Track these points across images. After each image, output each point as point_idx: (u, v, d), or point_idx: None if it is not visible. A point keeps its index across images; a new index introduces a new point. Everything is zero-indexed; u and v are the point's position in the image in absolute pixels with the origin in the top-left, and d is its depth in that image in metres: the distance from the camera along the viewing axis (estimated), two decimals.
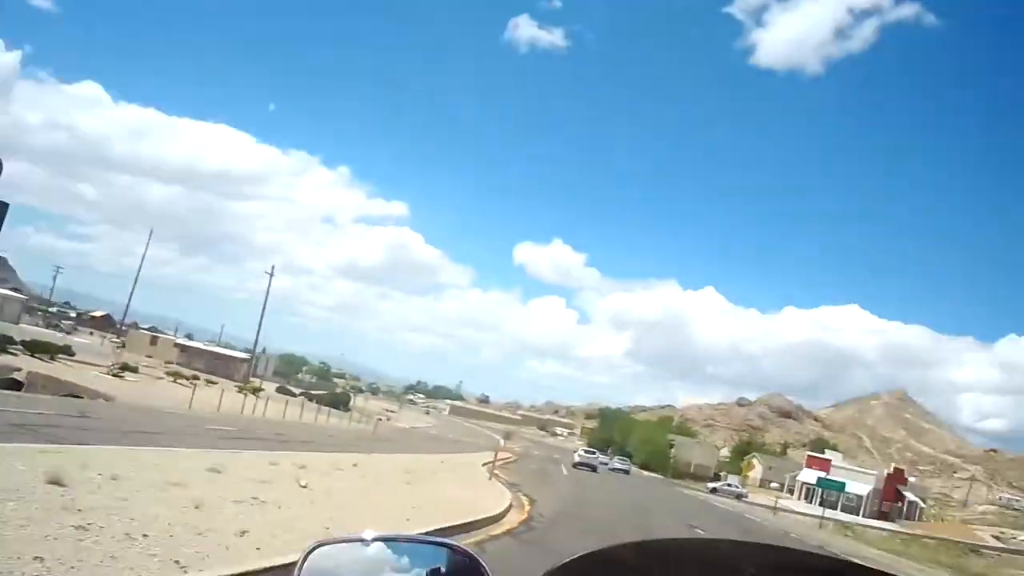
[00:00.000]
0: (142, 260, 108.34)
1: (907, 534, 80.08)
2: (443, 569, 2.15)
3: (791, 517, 70.18)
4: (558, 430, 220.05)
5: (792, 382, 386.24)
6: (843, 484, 74.57)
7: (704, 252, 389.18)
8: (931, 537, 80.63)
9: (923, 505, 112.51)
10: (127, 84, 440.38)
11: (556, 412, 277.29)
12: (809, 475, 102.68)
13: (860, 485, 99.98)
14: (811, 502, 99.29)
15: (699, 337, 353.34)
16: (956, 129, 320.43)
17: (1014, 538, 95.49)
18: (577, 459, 77.54)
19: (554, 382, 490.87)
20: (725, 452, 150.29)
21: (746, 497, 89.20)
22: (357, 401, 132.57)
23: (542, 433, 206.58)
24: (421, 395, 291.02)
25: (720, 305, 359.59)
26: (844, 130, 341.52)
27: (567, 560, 1.55)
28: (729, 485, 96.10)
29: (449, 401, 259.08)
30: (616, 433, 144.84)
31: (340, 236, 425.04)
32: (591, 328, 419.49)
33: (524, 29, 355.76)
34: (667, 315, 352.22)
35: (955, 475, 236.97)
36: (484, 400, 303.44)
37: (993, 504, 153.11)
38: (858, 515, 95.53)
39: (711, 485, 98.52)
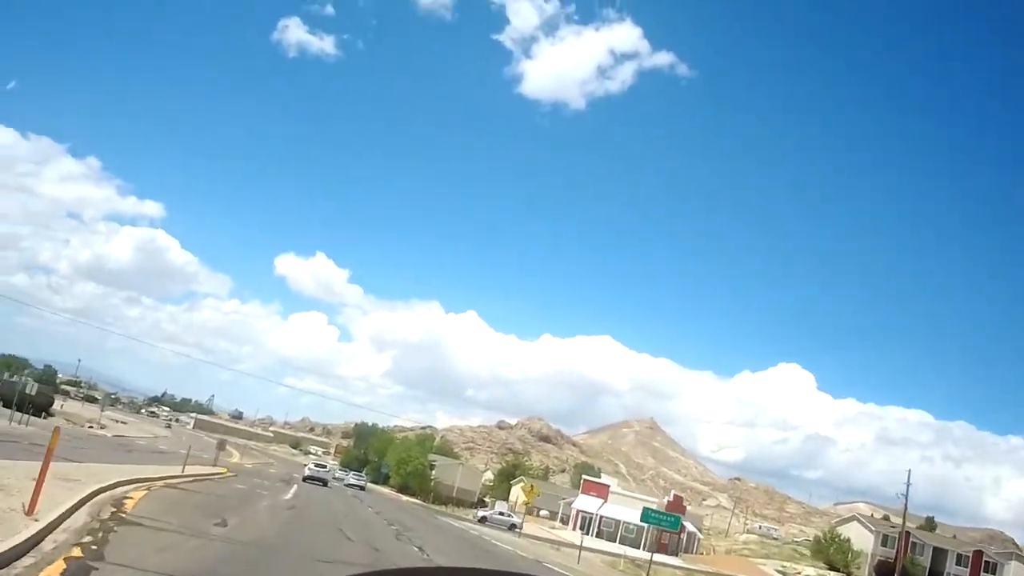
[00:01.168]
0: None
1: (704, 573, 66.80)
2: None
3: (588, 557, 55.00)
4: (312, 449, 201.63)
5: (549, 408, 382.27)
6: (677, 519, 59.65)
7: (467, 276, 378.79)
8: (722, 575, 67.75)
9: (700, 535, 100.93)
10: None
11: (312, 430, 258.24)
12: (586, 502, 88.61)
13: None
14: (587, 532, 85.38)
15: (460, 360, 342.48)
16: (701, 168, 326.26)
17: (798, 573, 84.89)
18: (307, 472, 73.68)
19: (312, 400, 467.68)
20: (489, 476, 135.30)
21: (519, 528, 73.84)
22: (72, 407, 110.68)
23: (293, 451, 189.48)
24: (166, 408, 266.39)
25: (481, 330, 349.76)
26: (604, 163, 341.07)
27: None
28: (501, 513, 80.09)
29: (195, 415, 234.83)
30: (372, 452, 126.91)
31: (86, 234, 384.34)
32: (352, 346, 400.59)
33: (294, 32, 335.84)
34: (429, 337, 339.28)
35: (704, 502, 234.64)
36: (237, 416, 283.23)
37: (751, 533, 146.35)
38: (639, 548, 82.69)
39: (480, 513, 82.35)
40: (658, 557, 64.11)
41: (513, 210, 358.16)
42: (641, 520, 58.71)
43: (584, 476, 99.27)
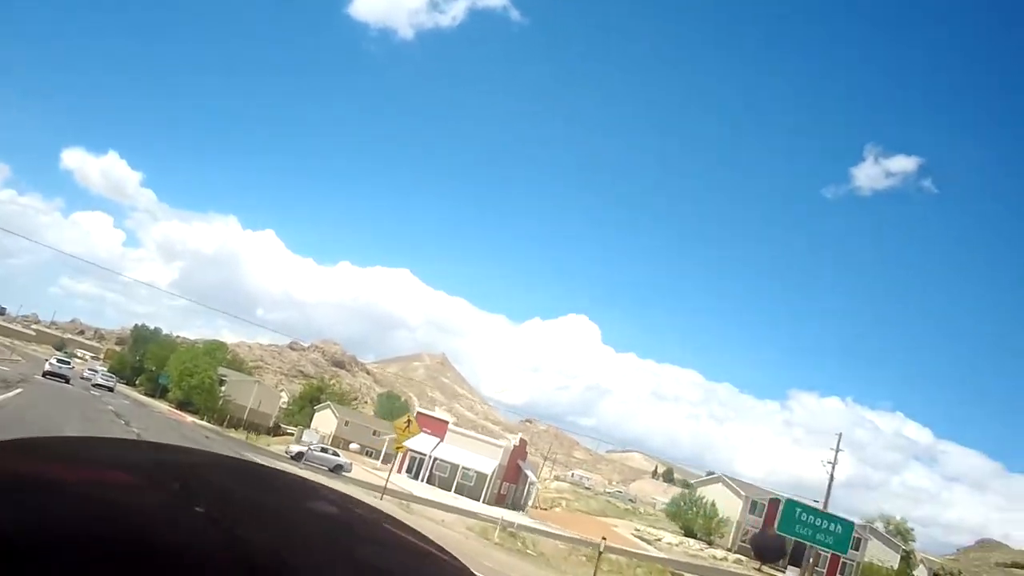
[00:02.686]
0: None
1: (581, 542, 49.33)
2: None
3: (447, 520, 36.24)
4: (80, 352, 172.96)
5: (340, 334, 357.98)
6: (848, 532, 37.58)
7: (268, 193, 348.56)
8: (590, 543, 50.41)
9: (538, 485, 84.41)
10: None
11: (82, 333, 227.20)
12: (416, 440, 69.66)
13: (484, 460, 69.17)
14: (417, 477, 66.69)
15: (253, 278, 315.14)
16: (519, 108, 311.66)
17: (658, 540, 69.38)
18: (47, 368, 61.60)
19: (88, 304, 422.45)
20: (284, 398, 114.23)
21: (347, 470, 54.20)
22: None
23: (57, 353, 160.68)
24: None
25: (278, 249, 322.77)
26: (425, 95, 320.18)
27: None
28: (324, 450, 59.51)
29: None
30: (151, 360, 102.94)
31: None
32: (139, 252, 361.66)
33: None
34: (222, 251, 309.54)
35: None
36: (0, 311, 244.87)
37: (561, 480, 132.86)
38: (479, 500, 65.29)
39: (294, 447, 61.47)
40: (505, 515, 46.65)
41: (324, 130, 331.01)
42: (782, 521, 36.68)
43: (419, 410, 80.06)
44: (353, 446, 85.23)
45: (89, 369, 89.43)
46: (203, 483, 1.25)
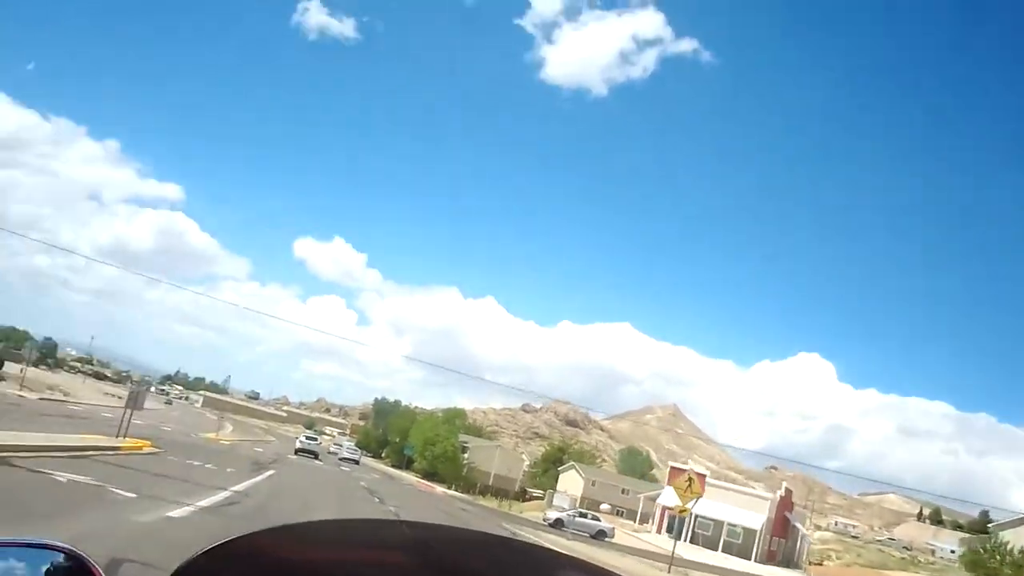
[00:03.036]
0: None
1: None
2: (45, 572, 1.67)
3: None
4: (328, 430, 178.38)
5: (568, 394, 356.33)
6: None
7: (486, 262, 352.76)
8: None
9: (810, 538, 76.81)
10: None
11: (328, 411, 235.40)
12: (673, 496, 64.52)
13: (750, 514, 62.84)
14: (680, 537, 61.21)
15: (479, 345, 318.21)
16: (723, 155, 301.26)
17: None
18: (298, 445, 64.76)
19: (330, 383, 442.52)
20: (526, 461, 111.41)
21: (609, 535, 49.80)
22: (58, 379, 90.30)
23: (307, 432, 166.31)
24: (179, 386, 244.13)
25: (500, 315, 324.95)
26: (625, 149, 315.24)
27: (209, 547, 1.34)
28: (582, 515, 55.35)
29: (206, 393, 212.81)
30: (393, 431, 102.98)
31: (106, 216, 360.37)
32: (371, 330, 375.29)
33: (315, 14, 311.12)
34: (447, 322, 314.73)
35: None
36: (254, 396, 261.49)
37: (823, 530, 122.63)
38: (749, 558, 58.99)
39: (551, 514, 57.65)
40: (777, 572, 40.41)
41: (533, 196, 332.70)
42: None
43: (673, 464, 74.88)
44: (604, 506, 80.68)
45: (335, 444, 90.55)
46: (474, 563, 1.25)
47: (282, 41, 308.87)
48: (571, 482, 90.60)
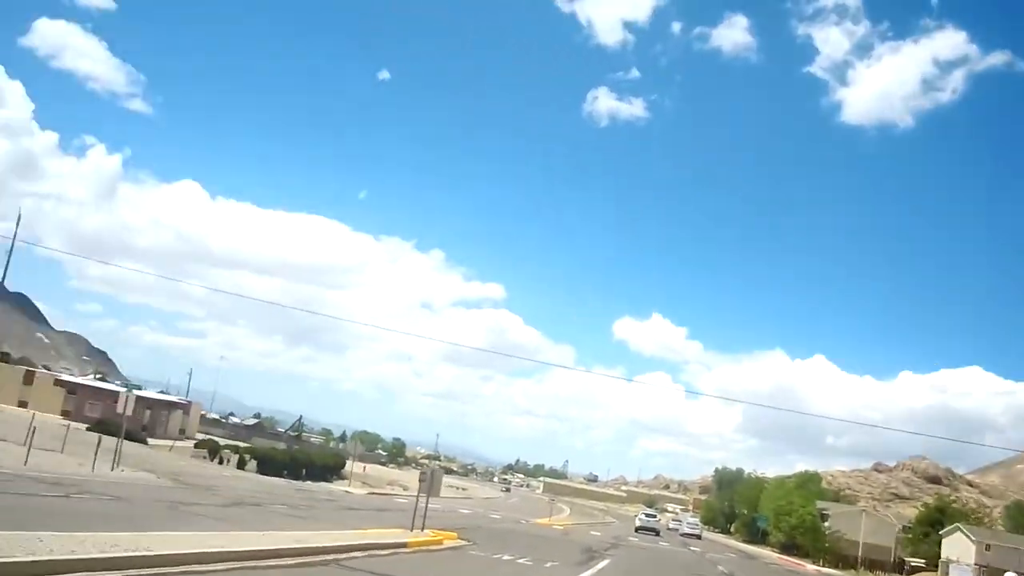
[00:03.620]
0: None
1: None
2: None
3: None
4: (668, 506, 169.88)
5: (921, 450, 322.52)
6: None
7: (810, 320, 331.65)
8: None
9: None
10: (222, 180, 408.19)
11: (667, 487, 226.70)
12: None
13: None
14: None
15: (814, 407, 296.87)
16: None
17: None
18: (638, 523, 64.52)
19: (666, 460, 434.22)
20: (897, 526, 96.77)
21: None
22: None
23: (647, 509, 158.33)
24: (520, 475, 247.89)
25: (832, 373, 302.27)
26: (946, 183, 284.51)
27: None
28: None
29: (545, 479, 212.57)
30: (738, 501, 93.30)
31: (439, 320, 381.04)
32: (700, 403, 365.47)
33: (603, 101, 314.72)
34: (777, 386, 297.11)
35: None
36: (592, 479, 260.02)
37: None
38: None
39: None
40: None
41: (855, 247, 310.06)
42: None
43: None
44: (966, 569, 66.60)
45: (673, 520, 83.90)
46: None
47: (576, 132, 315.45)
48: (957, 548, 76.41)
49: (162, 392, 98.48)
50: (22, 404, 64.82)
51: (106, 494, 20.67)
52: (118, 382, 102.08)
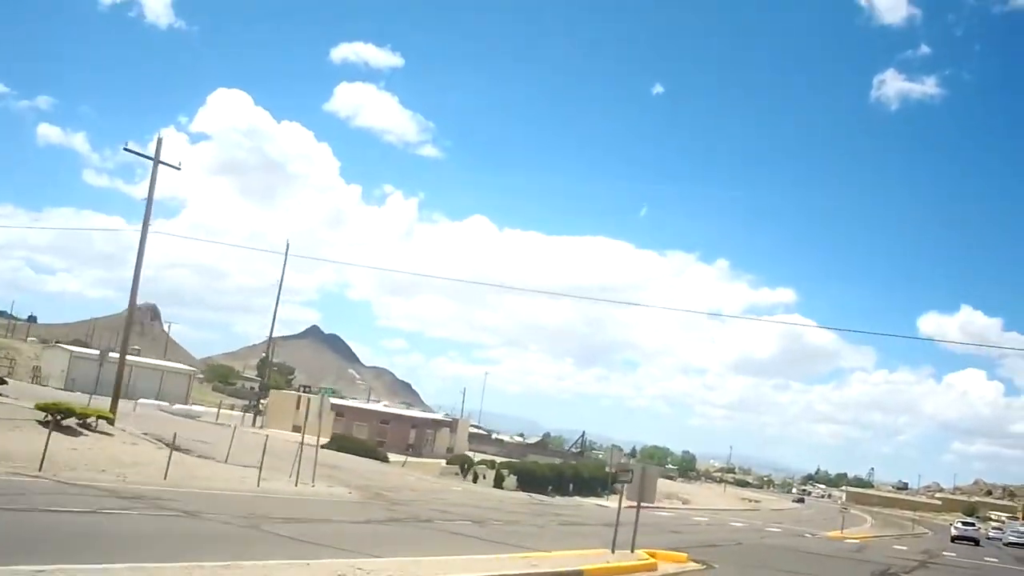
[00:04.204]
0: None
1: None
2: None
3: None
4: (992, 514, 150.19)
5: None
6: None
7: None
8: None
9: None
10: (509, 213, 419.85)
11: (988, 493, 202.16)
12: None
13: None
14: None
15: None
16: None
17: None
18: (954, 532, 58.10)
19: (985, 464, 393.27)
20: None
21: None
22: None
23: (966, 518, 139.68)
24: (821, 484, 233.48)
25: None
26: None
27: None
28: None
29: (847, 488, 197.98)
30: None
31: (728, 330, 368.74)
32: (1021, 400, 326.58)
33: (891, 84, 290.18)
34: None
35: None
36: (902, 487, 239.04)
37: None
38: None
39: None
40: None
41: None
42: None
43: None
44: None
45: (994, 528, 79.10)
46: None
47: (863, 121, 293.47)
48: None
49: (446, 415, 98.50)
50: (296, 429, 65.47)
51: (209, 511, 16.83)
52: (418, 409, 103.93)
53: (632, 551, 18.18)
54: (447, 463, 59.26)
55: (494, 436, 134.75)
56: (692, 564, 19.41)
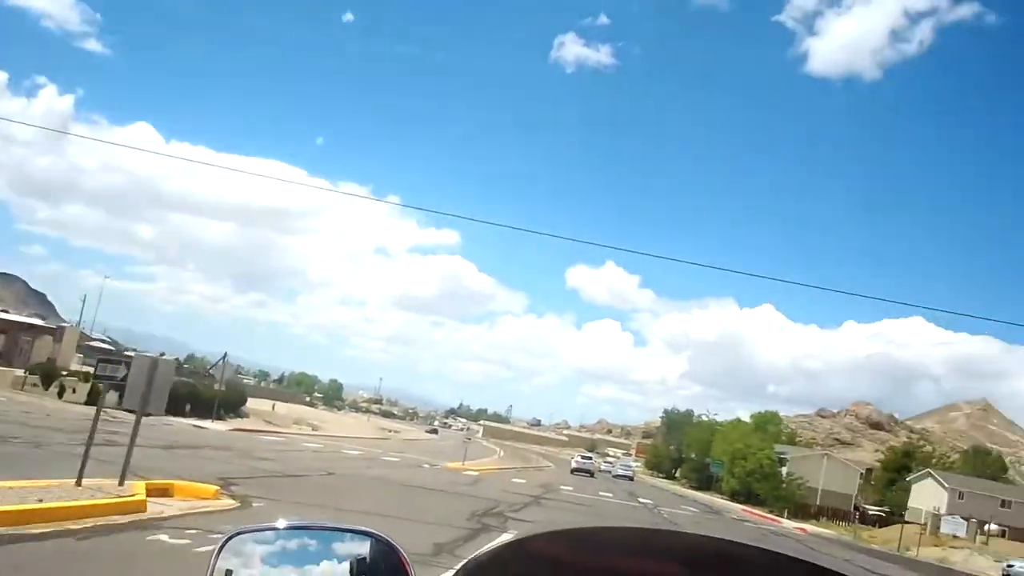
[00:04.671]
0: None
1: None
2: (360, 558, 1.85)
3: None
4: (610, 451, 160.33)
5: (860, 396, 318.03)
6: None
7: (761, 267, 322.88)
8: None
9: None
10: (177, 123, 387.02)
11: (609, 432, 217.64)
12: None
13: None
14: None
15: (759, 355, 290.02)
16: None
17: None
18: (574, 465, 62.94)
19: (610, 406, 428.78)
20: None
21: None
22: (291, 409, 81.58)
23: (588, 454, 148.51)
24: (462, 419, 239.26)
25: (779, 322, 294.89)
26: (904, 130, 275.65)
27: (491, 549, 1.38)
28: None
29: (486, 423, 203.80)
30: (688, 444, 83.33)
31: (393, 267, 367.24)
32: (647, 350, 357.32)
33: (570, 47, 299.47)
34: (725, 334, 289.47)
35: None
36: (535, 424, 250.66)
37: None
38: None
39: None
40: None
41: (807, 196, 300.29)
42: None
43: None
44: (992, 527, 56.91)
45: (605, 461, 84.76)
46: None
47: (540, 79, 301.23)
48: (929, 495, 67.10)
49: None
50: None
51: None
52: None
53: (122, 483, 12.03)
54: (28, 373, 49.50)
55: (125, 353, 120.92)
56: (225, 501, 13.62)
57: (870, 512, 68.12)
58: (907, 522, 58.16)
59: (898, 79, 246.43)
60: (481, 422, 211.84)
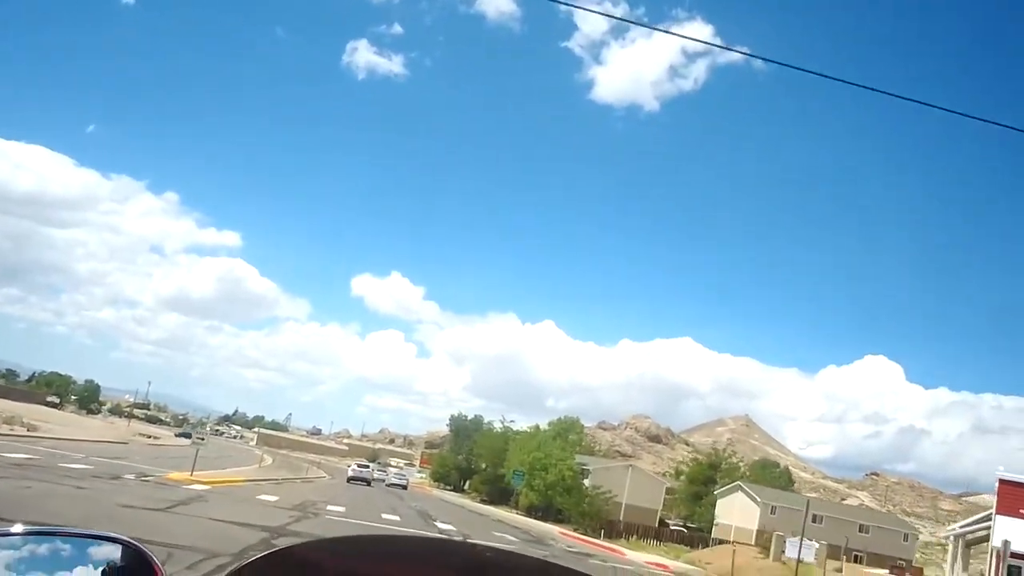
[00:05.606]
0: None
1: None
2: (112, 563, 1.72)
3: None
4: (392, 460, 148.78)
5: (634, 411, 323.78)
6: None
7: (543, 287, 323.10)
8: None
9: None
10: None
11: (392, 441, 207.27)
12: (1013, 528, 33.80)
13: None
14: None
15: (539, 370, 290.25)
16: (782, 159, 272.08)
17: None
18: (350, 474, 60.54)
19: (392, 416, 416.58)
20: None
21: None
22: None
23: (361, 460, 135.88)
24: (237, 426, 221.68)
25: (559, 339, 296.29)
26: (679, 163, 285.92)
27: (254, 558, 1.34)
28: None
29: (261, 430, 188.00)
30: (479, 453, 73.59)
31: (168, 267, 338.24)
32: (431, 362, 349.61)
33: (363, 54, 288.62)
34: (507, 349, 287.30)
35: (844, 501, 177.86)
36: (315, 432, 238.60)
37: None
38: None
39: None
40: None
41: (588, 218, 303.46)
42: None
43: (1001, 474, 42.87)
44: (810, 544, 50.21)
45: (379, 470, 78.69)
46: None
47: (332, 83, 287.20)
48: (739, 510, 60.53)
49: None
50: None
51: None
52: None
53: None
54: None
55: None
56: None
57: (675, 529, 60.85)
58: (725, 541, 50.82)
59: (673, 111, 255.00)
60: (256, 430, 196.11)
